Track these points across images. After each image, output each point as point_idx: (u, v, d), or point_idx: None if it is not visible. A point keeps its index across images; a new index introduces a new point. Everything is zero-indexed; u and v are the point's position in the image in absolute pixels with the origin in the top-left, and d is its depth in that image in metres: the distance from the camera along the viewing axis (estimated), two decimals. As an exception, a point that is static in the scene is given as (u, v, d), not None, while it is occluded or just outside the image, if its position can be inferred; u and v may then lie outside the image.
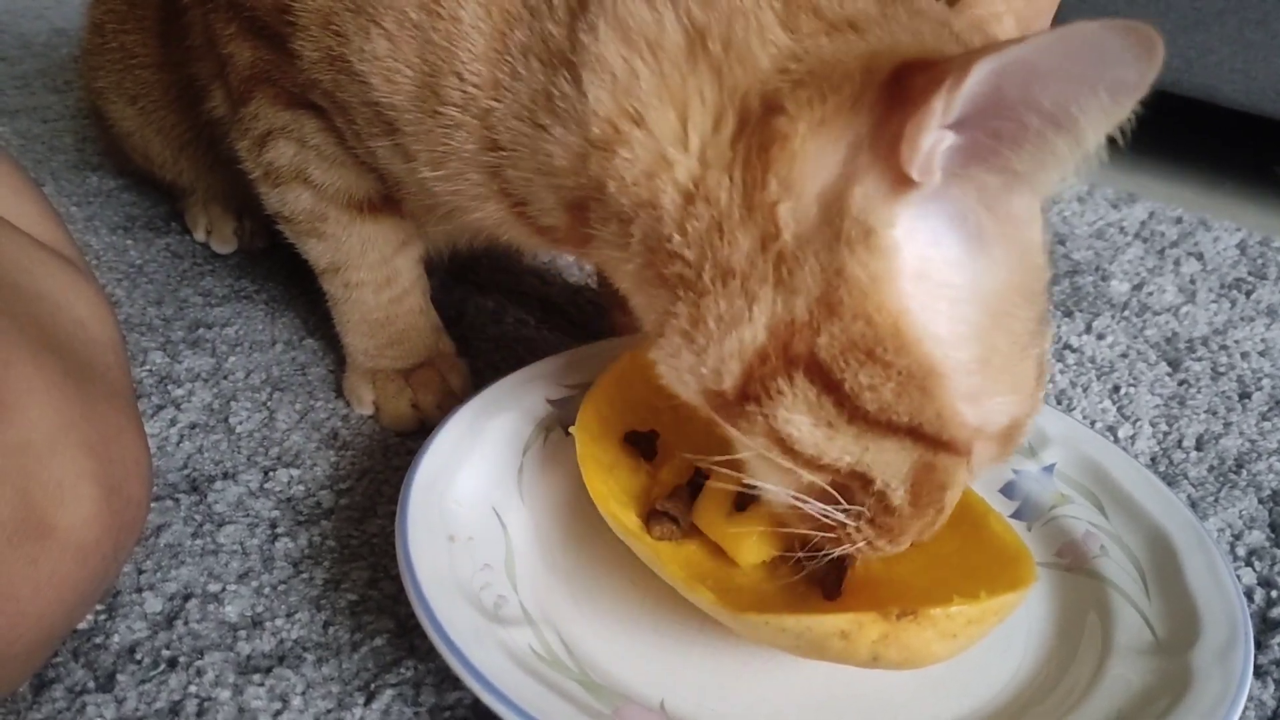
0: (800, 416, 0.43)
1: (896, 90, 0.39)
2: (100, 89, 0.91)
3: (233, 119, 0.69)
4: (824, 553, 0.50)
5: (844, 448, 0.44)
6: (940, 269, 0.41)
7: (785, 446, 0.44)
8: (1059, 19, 0.48)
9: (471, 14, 0.50)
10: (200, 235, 0.94)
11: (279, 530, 0.62)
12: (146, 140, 0.89)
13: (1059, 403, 0.79)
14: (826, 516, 0.46)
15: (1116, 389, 0.80)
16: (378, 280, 0.71)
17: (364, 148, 0.61)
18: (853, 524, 0.46)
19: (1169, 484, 0.65)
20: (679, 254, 0.45)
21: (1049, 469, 0.64)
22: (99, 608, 0.55)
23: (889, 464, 0.44)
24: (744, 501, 0.55)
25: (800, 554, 0.51)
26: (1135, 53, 0.34)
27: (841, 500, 0.46)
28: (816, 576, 0.54)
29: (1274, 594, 0.61)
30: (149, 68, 0.84)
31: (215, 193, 0.93)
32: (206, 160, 0.87)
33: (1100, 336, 0.88)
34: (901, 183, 0.40)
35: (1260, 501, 0.69)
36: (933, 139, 0.38)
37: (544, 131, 0.49)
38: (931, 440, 0.43)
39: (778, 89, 0.42)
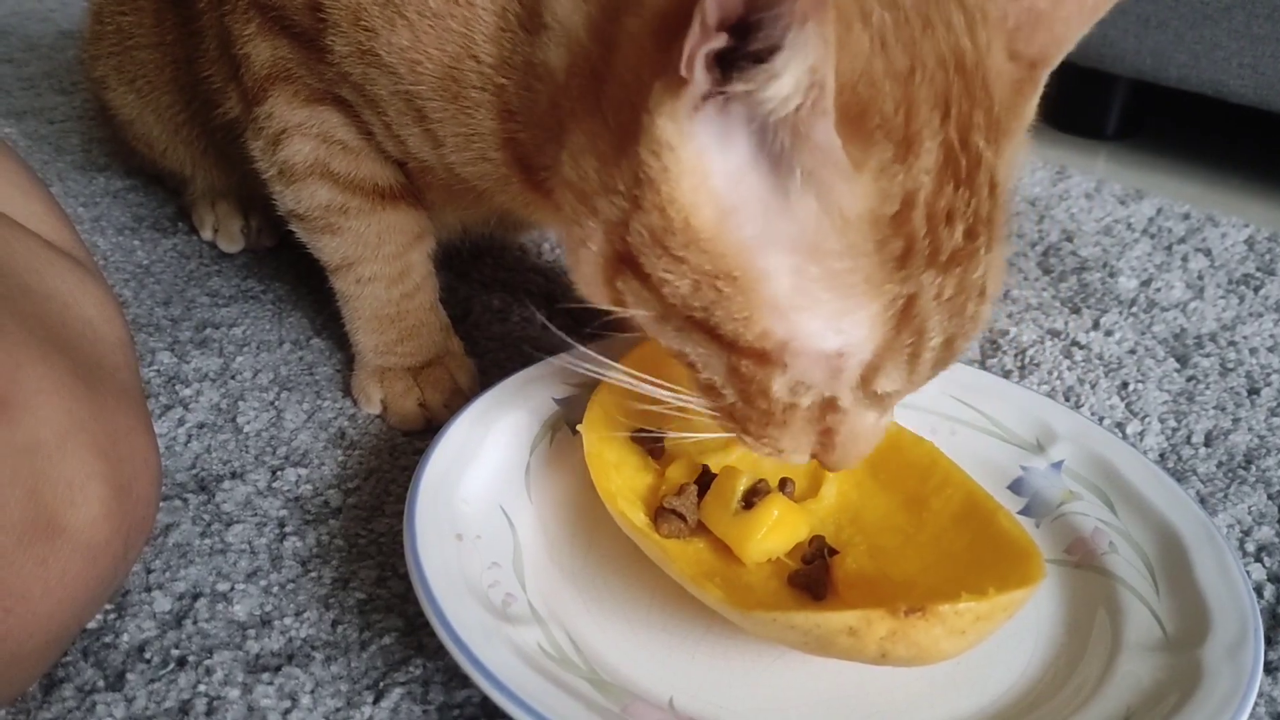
0: (640, 310, 0.48)
1: None
2: (101, 77, 0.92)
3: (246, 119, 0.69)
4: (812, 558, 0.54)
5: (670, 338, 0.48)
6: (725, 176, 0.43)
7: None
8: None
9: None
10: (207, 234, 0.94)
11: (287, 529, 0.62)
12: (147, 125, 0.90)
13: (1067, 399, 0.78)
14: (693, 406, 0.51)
15: (1125, 385, 0.80)
16: (391, 275, 0.71)
17: (393, 140, 0.62)
18: (717, 415, 0.50)
19: (1178, 480, 0.65)
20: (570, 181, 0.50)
21: (1057, 465, 0.64)
22: (108, 607, 0.55)
23: (705, 359, 0.47)
24: (751, 500, 0.55)
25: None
26: None
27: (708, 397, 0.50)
28: (801, 579, 0.54)
29: (1284, 590, 0.61)
30: (145, 48, 0.85)
31: (220, 187, 0.93)
32: (202, 143, 0.87)
33: (1108, 333, 0.87)
34: (681, 84, 0.42)
35: (1270, 497, 0.69)
36: (694, 41, 0.40)
37: (535, 89, 0.53)
38: (729, 343, 0.45)
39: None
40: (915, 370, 0.47)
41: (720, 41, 0.39)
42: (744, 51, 0.39)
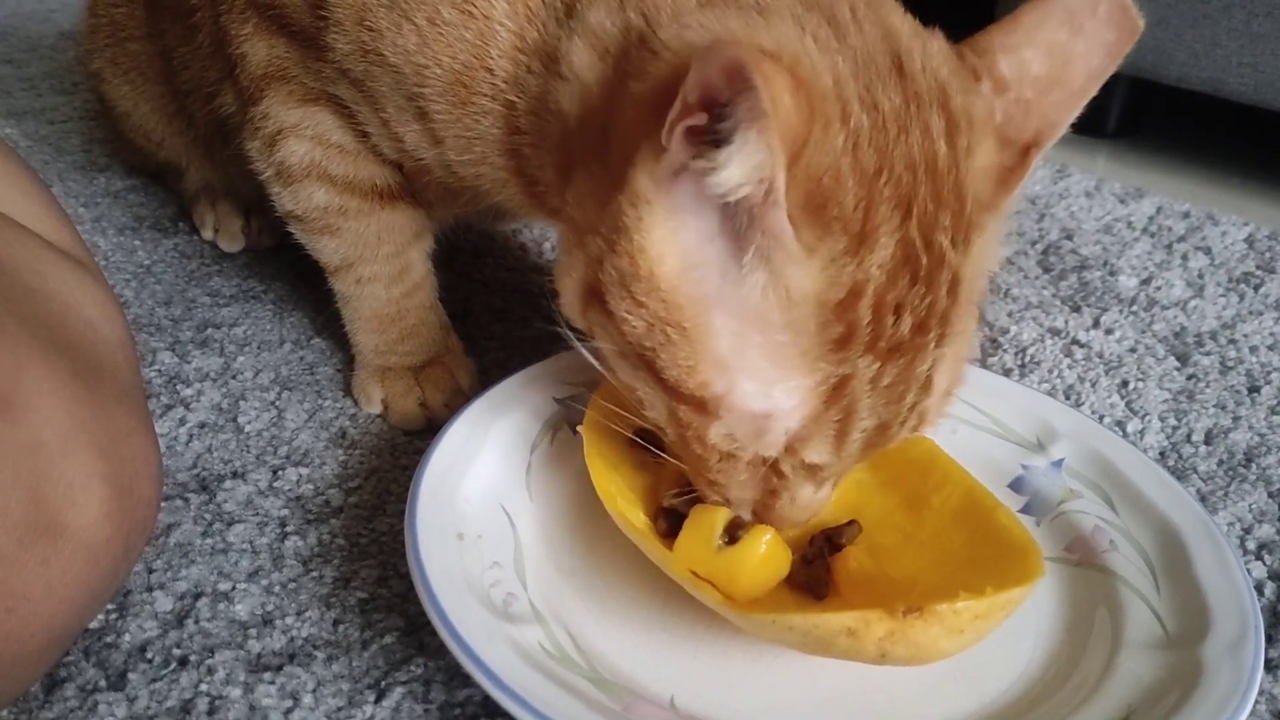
0: (605, 344, 0.51)
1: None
2: (97, 70, 0.93)
3: (243, 119, 0.69)
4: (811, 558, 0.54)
5: (625, 373, 0.50)
6: (692, 236, 0.46)
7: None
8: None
9: (501, 12, 0.54)
10: (208, 234, 0.94)
11: (288, 529, 0.62)
12: (143, 116, 0.91)
13: (1068, 398, 0.78)
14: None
15: (1125, 384, 0.80)
16: (390, 274, 0.71)
17: (390, 138, 0.62)
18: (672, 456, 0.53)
19: (1178, 478, 0.65)
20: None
21: (1058, 464, 0.64)
22: (110, 607, 0.55)
23: (651, 399, 0.50)
24: (735, 534, 0.53)
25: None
26: None
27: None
28: (801, 579, 0.54)
29: (1284, 588, 0.61)
30: (137, 39, 0.86)
31: (215, 183, 0.93)
32: (194, 134, 0.88)
33: (1108, 331, 0.88)
34: (663, 151, 0.44)
35: (1270, 495, 0.69)
36: (675, 113, 0.43)
37: (547, 121, 0.55)
38: (671, 388, 0.48)
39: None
40: (843, 447, 0.48)
41: (698, 119, 0.42)
42: (712, 132, 0.42)
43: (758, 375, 0.46)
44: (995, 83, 0.49)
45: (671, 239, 0.46)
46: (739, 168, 0.41)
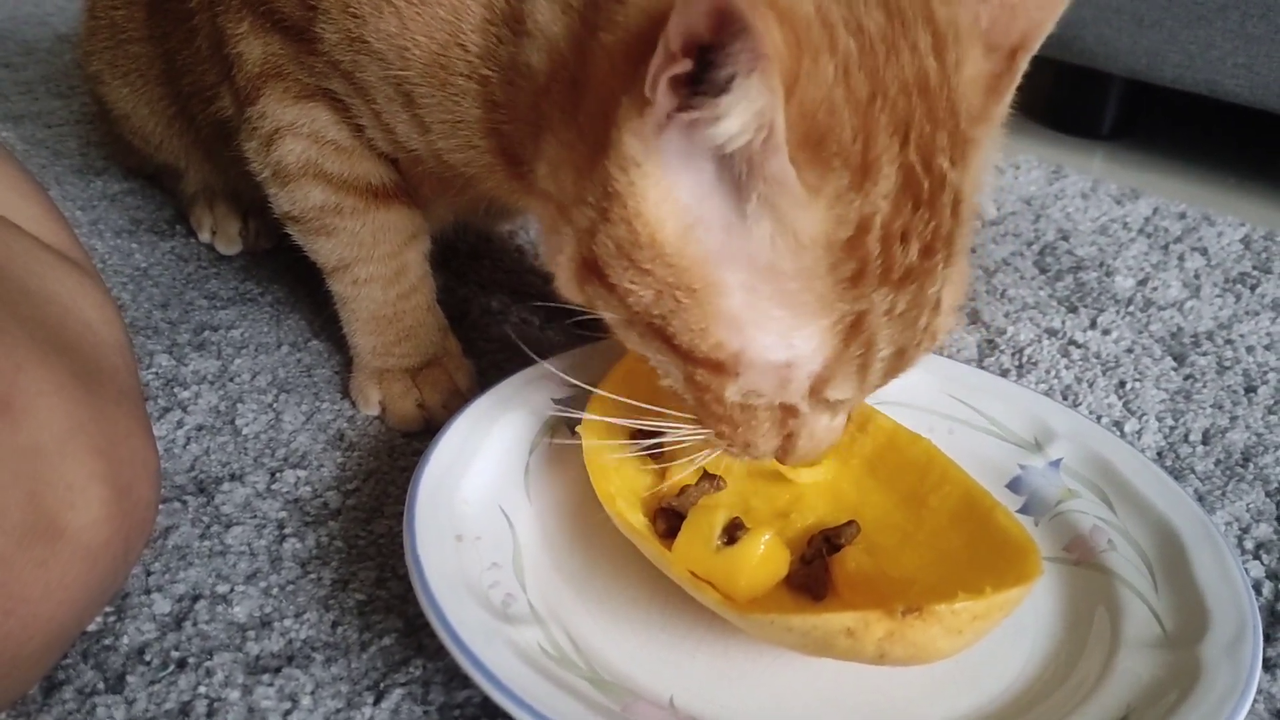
0: (609, 314, 0.50)
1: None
2: (96, 72, 0.93)
3: (240, 120, 0.69)
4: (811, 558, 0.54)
5: (635, 343, 0.50)
6: (689, 193, 0.45)
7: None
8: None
9: None
10: (205, 236, 0.94)
11: (286, 531, 0.62)
12: (141, 118, 0.91)
13: (1065, 398, 0.79)
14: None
15: (1122, 384, 0.80)
16: (387, 275, 0.71)
17: (383, 130, 0.63)
18: (691, 418, 0.52)
19: (1176, 478, 0.65)
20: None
21: (1056, 464, 0.64)
22: (108, 609, 0.55)
23: (665, 366, 0.50)
24: (733, 535, 0.53)
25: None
26: None
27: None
28: (800, 579, 0.54)
29: (1282, 587, 0.61)
30: (137, 41, 0.86)
31: (213, 185, 0.93)
32: (193, 136, 0.88)
33: (1105, 332, 0.88)
34: (647, 104, 0.43)
35: (1267, 495, 0.69)
36: (658, 63, 0.41)
37: (518, 85, 0.54)
38: (685, 352, 0.47)
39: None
40: (865, 379, 0.48)
41: (683, 66, 0.41)
42: (703, 79, 0.41)
43: (775, 326, 0.46)
44: None
45: (668, 199, 0.45)
46: (740, 116, 0.40)
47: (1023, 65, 0.49)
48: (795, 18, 0.40)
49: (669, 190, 0.45)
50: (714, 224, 0.45)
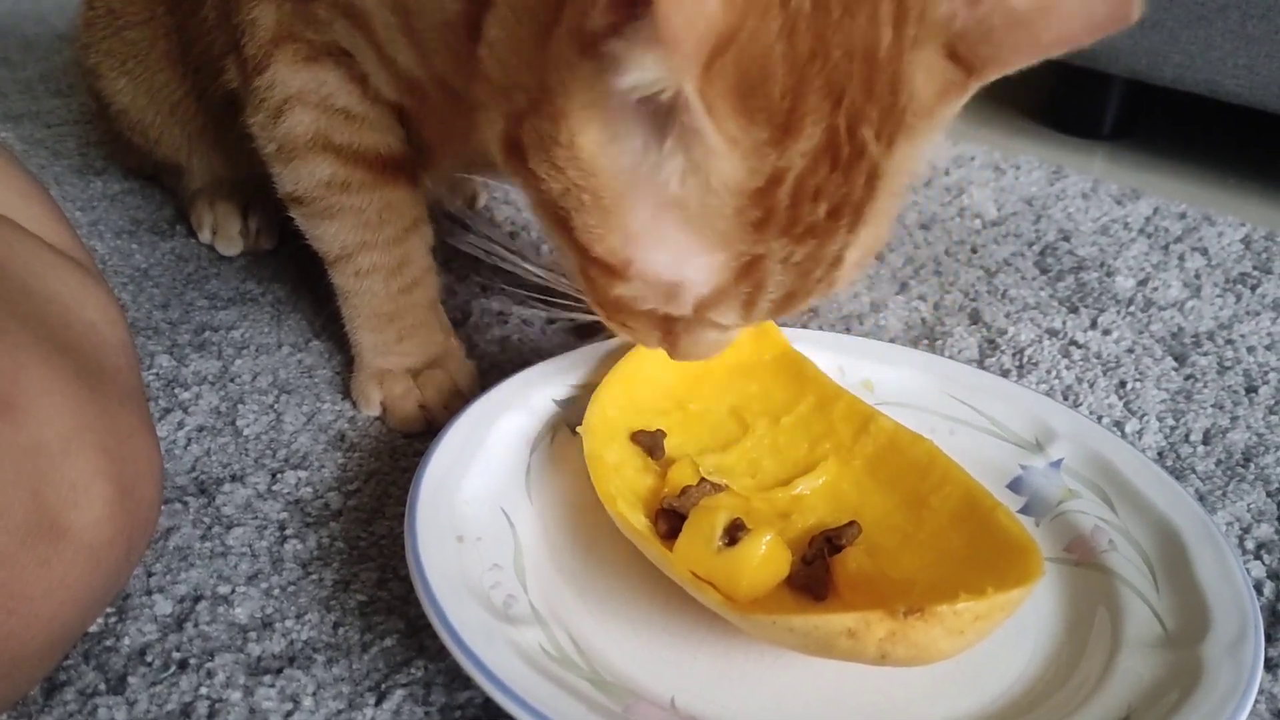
0: (525, 191, 0.52)
1: None
2: (93, 66, 0.92)
3: (246, 93, 0.69)
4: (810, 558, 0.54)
5: (542, 222, 0.53)
6: (616, 107, 0.45)
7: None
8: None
9: None
10: (206, 235, 0.94)
11: (288, 532, 0.62)
12: (140, 110, 0.90)
13: (1066, 398, 0.79)
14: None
15: (1123, 384, 0.80)
16: (390, 265, 0.71)
17: (386, 66, 0.63)
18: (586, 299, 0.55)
19: (1176, 478, 0.65)
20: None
21: (1056, 464, 0.64)
22: (109, 610, 0.55)
23: (563, 252, 0.53)
24: (735, 535, 0.53)
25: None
26: None
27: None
28: (802, 581, 0.54)
29: (1283, 588, 0.61)
30: (135, 26, 0.86)
31: (216, 176, 0.93)
32: (198, 123, 0.88)
33: (1106, 332, 0.88)
34: (586, 15, 0.44)
35: (1269, 495, 0.69)
36: None
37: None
38: (582, 248, 0.49)
39: None
40: (750, 314, 0.51)
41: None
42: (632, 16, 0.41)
43: (671, 249, 0.48)
44: None
45: (593, 108, 0.45)
46: (635, 78, 0.41)
47: (973, 88, 0.48)
48: None
49: (595, 100, 0.45)
50: (633, 144, 0.46)
